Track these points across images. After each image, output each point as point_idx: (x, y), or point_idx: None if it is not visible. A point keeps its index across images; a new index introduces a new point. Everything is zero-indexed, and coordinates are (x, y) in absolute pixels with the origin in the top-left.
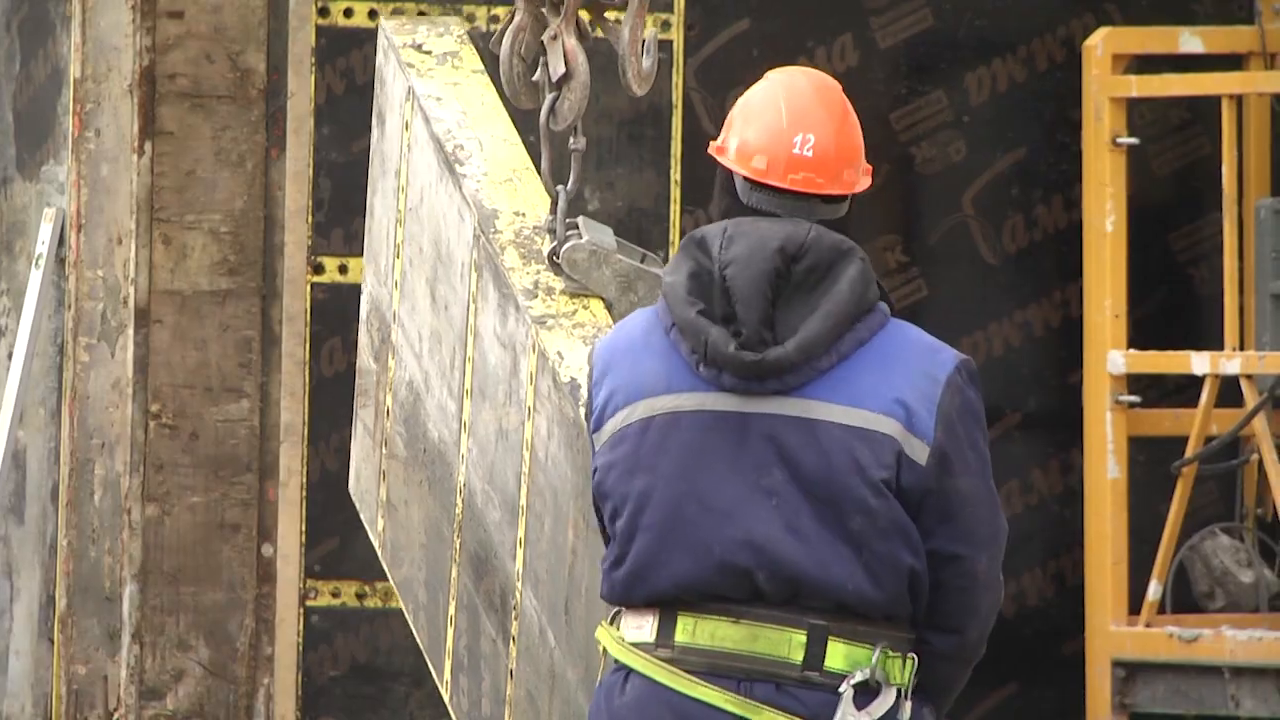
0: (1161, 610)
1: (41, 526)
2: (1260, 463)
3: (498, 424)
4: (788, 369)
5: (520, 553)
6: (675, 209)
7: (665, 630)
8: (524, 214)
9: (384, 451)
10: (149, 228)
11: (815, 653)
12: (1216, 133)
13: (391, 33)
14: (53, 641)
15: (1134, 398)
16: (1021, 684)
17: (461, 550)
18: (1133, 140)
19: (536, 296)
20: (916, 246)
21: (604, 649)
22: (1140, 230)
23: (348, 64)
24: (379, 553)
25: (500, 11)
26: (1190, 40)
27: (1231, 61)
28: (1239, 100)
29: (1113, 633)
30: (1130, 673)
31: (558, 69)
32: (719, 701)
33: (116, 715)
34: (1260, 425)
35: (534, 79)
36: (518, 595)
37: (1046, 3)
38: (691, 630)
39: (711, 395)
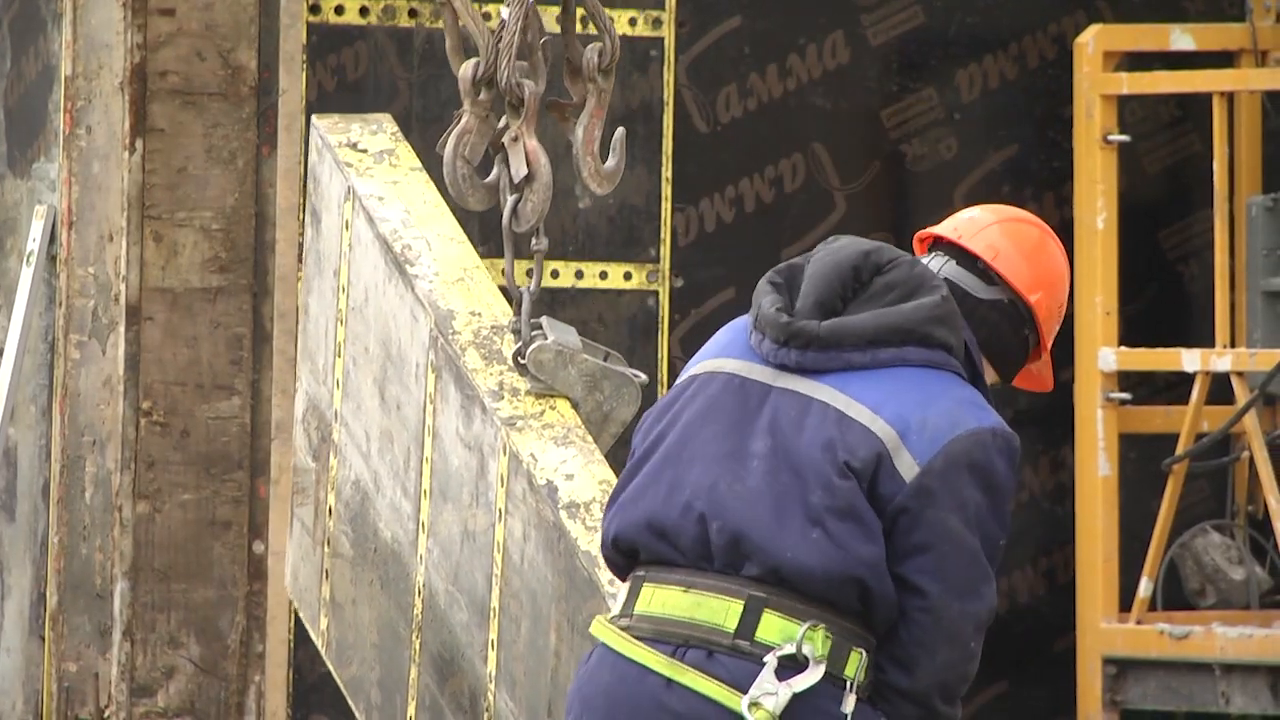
0: (1152, 607)
1: (32, 524)
2: (1251, 460)
3: (463, 526)
4: (812, 342)
5: (493, 655)
6: (666, 206)
7: (630, 602)
8: (480, 314)
9: (327, 550)
10: (140, 225)
11: (749, 622)
12: (1207, 130)
13: (325, 131)
14: (43, 639)
15: (1125, 395)
16: (1012, 681)
17: (422, 650)
18: (1124, 137)
19: (503, 398)
20: (907, 243)
21: None
22: (1131, 227)
23: (339, 61)
24: (322, 651)
25: (492, 9)
26: (1181, 38)
27: (1223, 59)
28: (1230, 97)
29: (1104, 630)
30: (1121, 670)
31: (520, 170)
32: (651, 663)
33: (107, 712)
34: (1251, 422)
35: (486, 180)
36: (490, 697)
37: (1037, 0)
38: (649, 600)
39: (752, 365)
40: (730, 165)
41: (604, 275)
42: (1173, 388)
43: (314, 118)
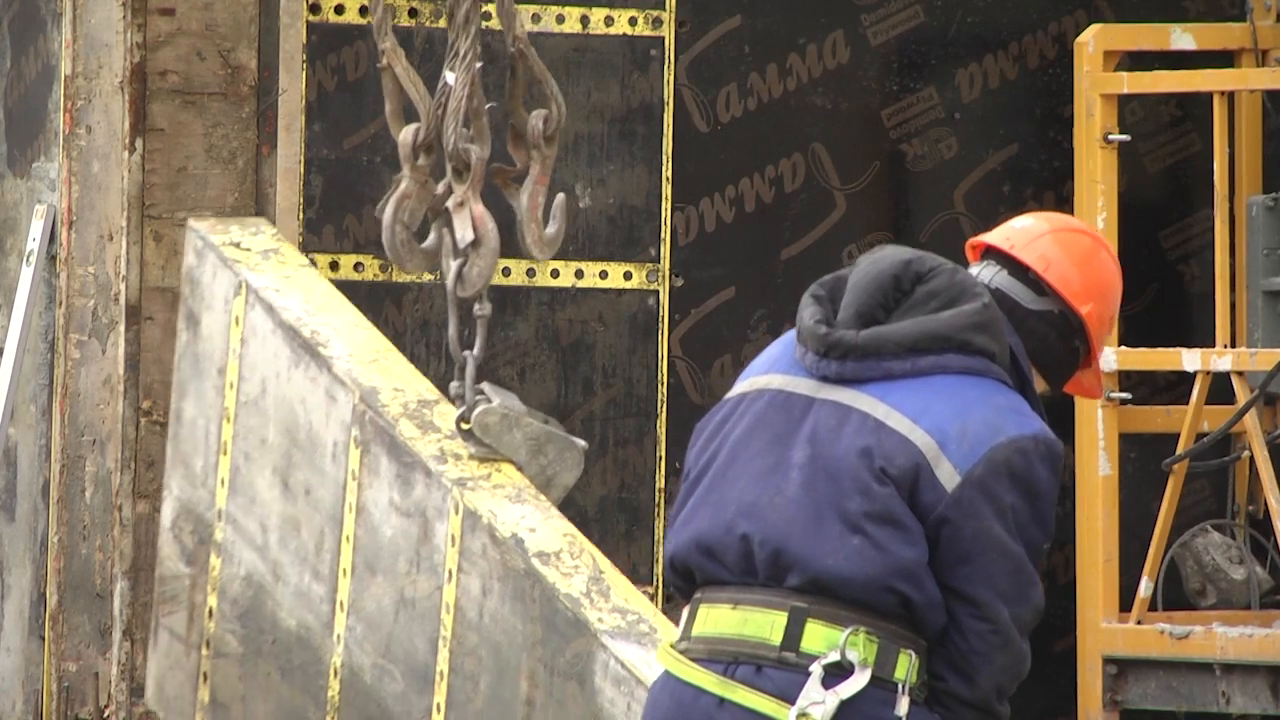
0: (1153, 607)
1: (32, 523)
2: (1251, 459)
3: (398, 595)
4: (850, 352)
5: (438, 718)
6: (666, 206)
7: (689, 625)
8: (403, 390)
9: (206, 652)
10: (140, 224)
11: (793, 634)
12: (1208, 129)
13: (206, 233)
14: (43, 639)
15: (1125, 394)
16: None
17: None
18: (1124, 137)
19: (446, 462)
20: (907, 243)
21: None
22: (1131, 227)
23: (339, 61)
24: None
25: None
26: (1182, 37)
27: (1223, 58)
28: (1230, 97)
29: (1104, 629)
30: (1121, 669)
31: (466, 235)
32: (704, 684)
33: (107, 712)
34: (1251, 422)
35: (424, 245)
36: None
37: (1037, 0)
38: (704, 621)
39: (797, 379)
40: (730, 165)
41: (604, 275)
42: (1173, 387)
43: (190, 221)
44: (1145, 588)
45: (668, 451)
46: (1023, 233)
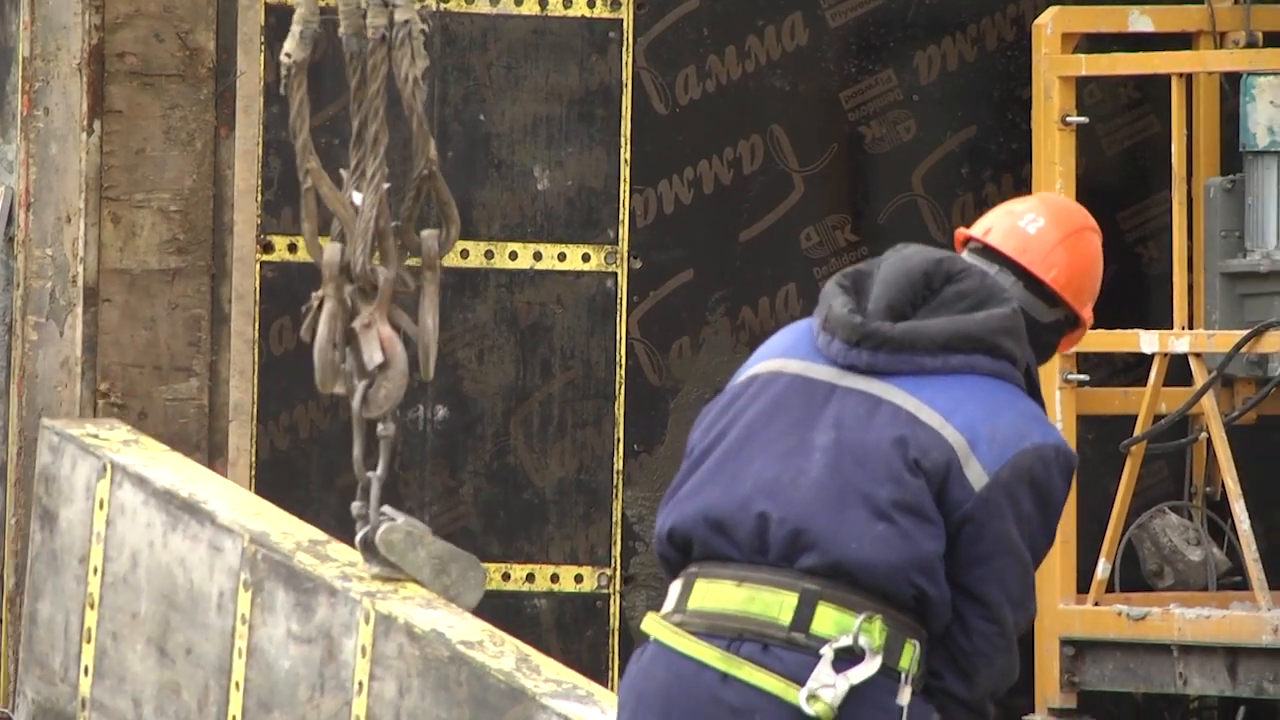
0: (1110, 589)
1: None
2: (1209, 441)
3: None
4: (885, 344)
5: None
6: (625, 188)
7: (683, 598)
8: (292, 533)
9: None
10: (98, 206)
11: (804, 615)
12: (1166, 112)
13: (62, 428)
14: (1, 620)
15: (1083, 376)
16: None
17: None
18: (1082, 119)
19: (351, 580)
20: (866, 225)
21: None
22: (1090, 209)
23: None
24: None
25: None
26: (1140, 19)
27: (1181, 40)
28: (1188, 79)
29: (1061, 611)
30: (1079, 651)
31: (374, 357)
32: (706, 658)
33: None
34: (1209, 404)
35: (342, 366)
36: None
37: None
38: (702, 595)
39: (817, 366)
40: (689, 147)
41: (562, 257)
42: (1131, 369)
43: (43, 421)
44: (1103, 569)
45: (626, 433)
46: (1038, 244)
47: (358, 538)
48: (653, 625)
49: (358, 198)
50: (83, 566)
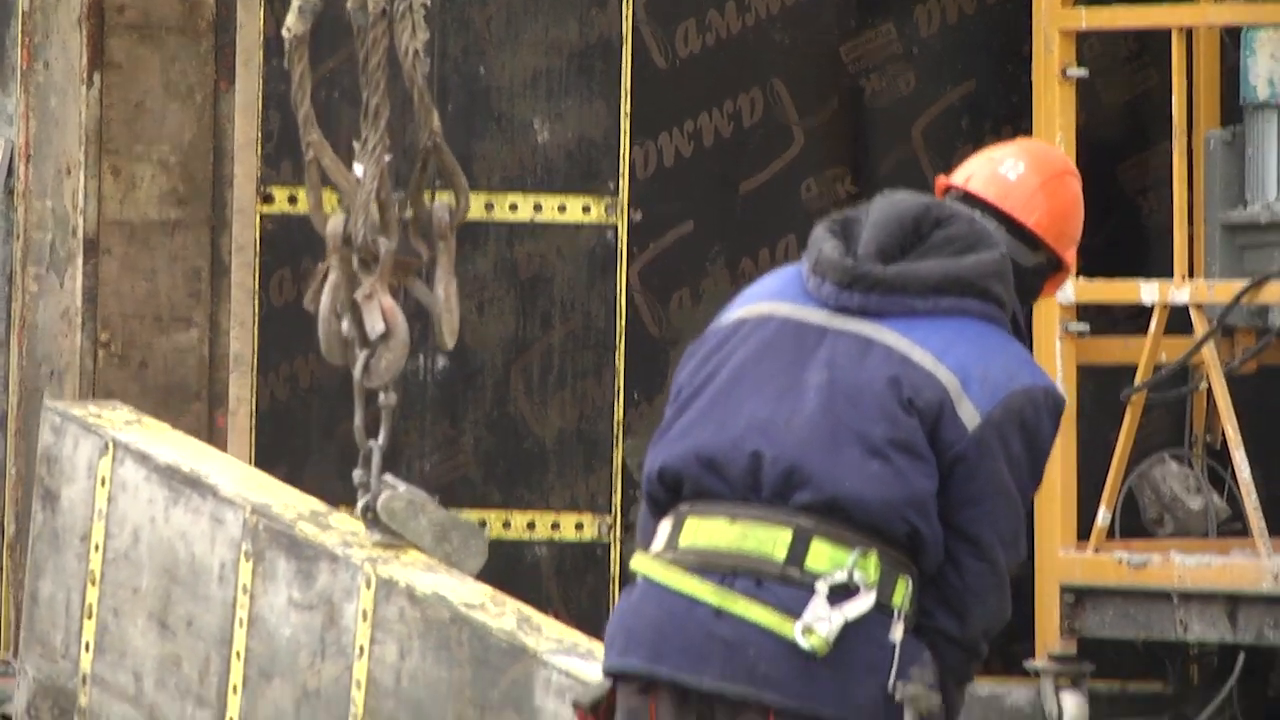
0: (1110, 536)
1: None
2: (1209, 390)
3: (299, 690)
4: (877, 285)
5: None
6: (625, 141)
7: (674, 535)
8: (294, 505)
9: None
10: (98, 159)
11: (798, 551)
12: (1166, 64)
13: (64, 409)
14: (1, 568)
15: (1083, 326)
16: None
17: None
18: (1082, 72)
19: (352, 548)
20: (866, 178)
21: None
22: (1090, 161)
23: None
24: None
25: None
26: None
27: None
28: (1188, 33)
29: (1062, 559)
30: (1079, 598)
31: (376, 327)
32: (699, 593)
33: None
34: (1209, 353)
35: (344, 335)
36: None
37: None
38: (693, 532)
39: (808, 309)
40: (689, 100)
41: (562, 209)
42: (1131, 319)
43: (45, 402)
44: (1103, 517)
45: (626, 384)
46: (1019, 189)
47: (359, 506)
48: (643, 563)
49: (359, 169)
50: (84, 544)
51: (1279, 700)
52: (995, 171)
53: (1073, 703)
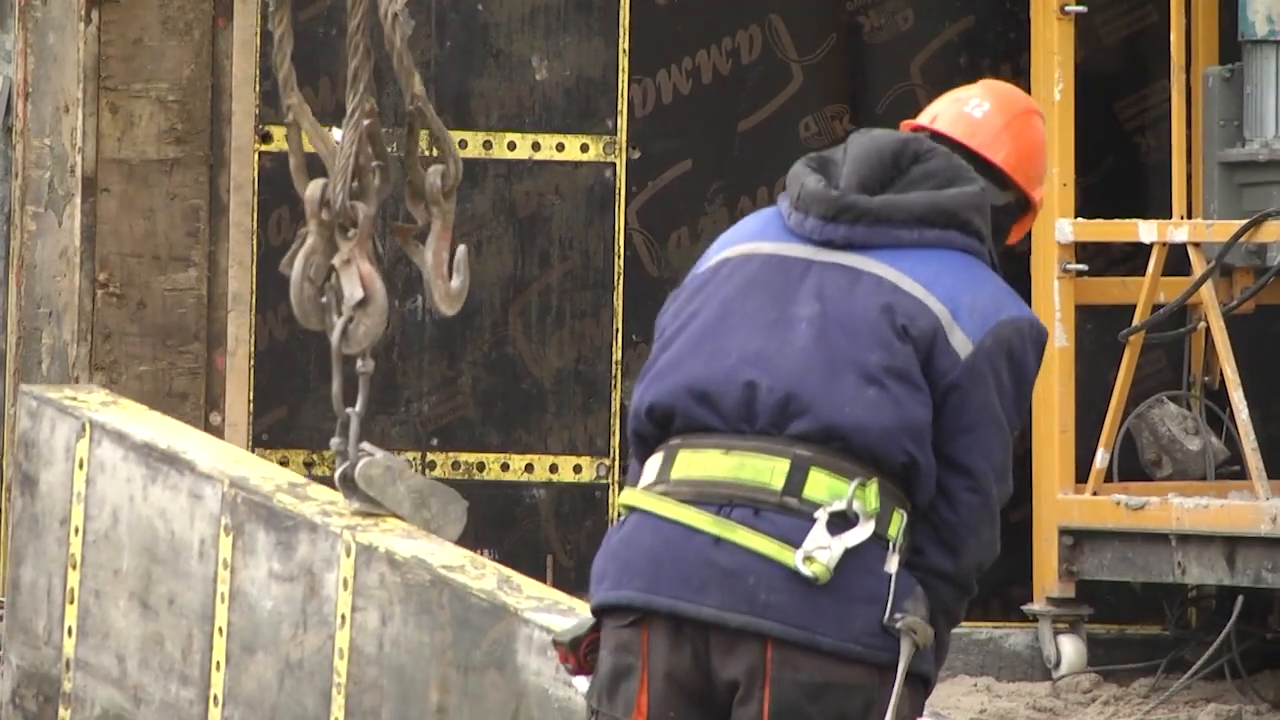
0: (1109, 478)
1: None
2: (1207, 331)
3: (282, 663)
4: (863, 216)
5: None
6: (624, 78)
7: (665, 469)
8: (272, 477)
9: None
10: (96, 96)
11: (796, 480)
12: (1165, 1)
13: (40, 393)
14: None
15: (1082, 266)
16: None
17: None
18: (1081, 8)
19: (331, 517)
20: (864, 115)
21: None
22: (1088, 98)
23: None
24: None
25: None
26: None
27: None
28: None
29: (1060, 501)
30: (1077, 540)
31: (354, 294)
32: (697, 522)
33: None
34: (1208, 293)
35: (323, 301)
36: None
37: None
38: (687, 464)
39: (791, 245)
40: (687, 37)
41: (561, 147)
42: (1129, 259)
43: (21, 388)
44: (1101, 459)
45: (624, 324)
46: (985, 127)
47: (336, 474)
48: (633, 496)
49: (339, 134)
50: (64, 529)
51: (1277, 643)
52: (961, 111)
53: (1071, 646)
